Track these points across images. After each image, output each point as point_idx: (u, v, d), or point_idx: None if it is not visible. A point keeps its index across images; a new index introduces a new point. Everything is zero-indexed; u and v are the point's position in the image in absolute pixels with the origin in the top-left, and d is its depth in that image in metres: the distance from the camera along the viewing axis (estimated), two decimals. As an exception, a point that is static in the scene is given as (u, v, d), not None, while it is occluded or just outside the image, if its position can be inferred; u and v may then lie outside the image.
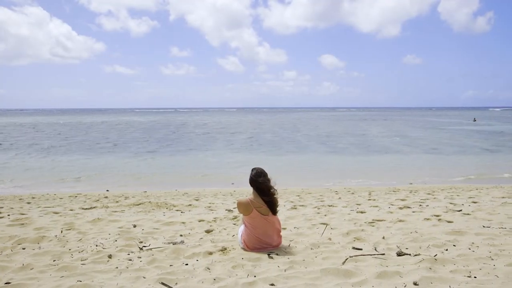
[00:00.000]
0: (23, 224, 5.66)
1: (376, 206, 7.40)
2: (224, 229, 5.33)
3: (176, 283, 3.14)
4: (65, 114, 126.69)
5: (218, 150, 22.97)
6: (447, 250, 3.99)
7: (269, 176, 4.23)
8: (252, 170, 4.23)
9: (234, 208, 7.32)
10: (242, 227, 4.31)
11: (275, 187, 4.20)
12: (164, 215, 6.68)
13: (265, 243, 4.11)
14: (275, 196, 4.15)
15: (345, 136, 32.82)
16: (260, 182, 4.07)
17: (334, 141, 27.84)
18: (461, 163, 17.67)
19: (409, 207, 7.10)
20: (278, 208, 4.23)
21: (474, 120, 58.89)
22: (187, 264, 3.65)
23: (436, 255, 3.70)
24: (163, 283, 3.04)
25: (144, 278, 3.26)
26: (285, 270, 3.39)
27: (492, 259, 3.56)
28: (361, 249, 4.06)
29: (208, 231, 5.21)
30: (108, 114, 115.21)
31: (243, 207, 4.13)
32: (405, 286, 2.95)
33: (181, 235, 4.97)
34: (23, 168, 16.30)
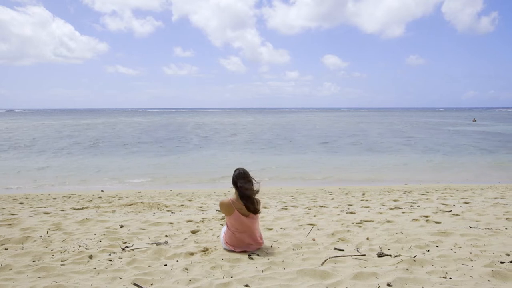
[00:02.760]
0: (10, 224, 5.66)
1: (368, 207, 7.38)
2: (211, 229, 5.32)
3: (152, 284, 3.13)
4: (68, 114, 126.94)
5: (217, 151, 23.00)
6: (428, 251, 3.97)
7: (252, 177, 4.21)
8: (235, 170, 4.22)
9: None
10: (224, 228, 4.31)
11: (257, 189, 4.18)
12: (154, 215, 6.67)
13: (246, 243, 4.09)
14: (255, 198, 4.14)
15: (343, 136, 32.80)
16: (239, 185, 4.05)
17: (332, 142, 27.84)
18: (456, 163, 17.64)
19: (400, 208, 7.08)
20: (260, 209, 4.22)
21: (474, 121, 58.74)
22: (166, 265, 3.65)
23: (415, 256, 3.68)
24: (135, 284, 3.03)
25: (120, 278, 3.25)
26: (262, 271, 3.39)
27: (471, 260, 3.55)
28: (342, 250, 4.05)
29: (194, 232, 5.21)
30: (109, 115, 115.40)
31: (225, 207, 4.12)
32: (378, 287, 2.94)
33: (166, 236, 4.96)
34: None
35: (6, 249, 4.25)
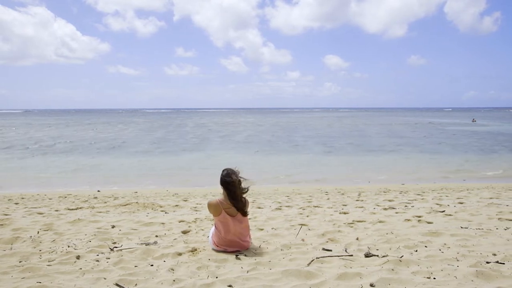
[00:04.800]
0: (2, 225, 5.65)
1: (362, 207, 7.37)
2: (202, 229, 5.31)
3: (136, 284, 3.13)
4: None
5: (216, 151, 23.01)
6: (416, 251, 3.96)
7: (241, 176, 4.20)
8: (223, 171, 4.22)
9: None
10: (213, 228, 4.31)
11: (246, 188, 4.18)
12: (147, 215, 6.67)
13: (234, 243, 4.09)
14: (244, 198, 4.14)
15: (342, 136, 32.79)
16: (228, 183, 4.05)
17: (331, 142, 27.83)
18: (454, 163, 17.62)
19: (393, 208, 7.06)
20: (248, 210, 4.21)
21: (474, 121, 58.61)
22: (152, 265, 3.64)
23: (402, 256, 3.67)
24: (117, 285, 3.03)
25: (105, 279, 3.25)
26: (247, 271, 3.38)
27: (458, 260, 3.54)
28: (330, 250, 4.04)
29: (184, 232, 5.20)
30: (109, 115, 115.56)
31: (213, 208, 4.12)
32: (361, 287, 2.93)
33: (156, 236, 4.96)
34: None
35: (-6, 250, 4.24)
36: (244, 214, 4.14)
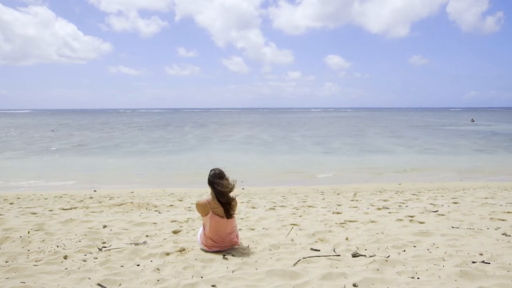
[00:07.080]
0: (-7, 225, 5.65)
1: (356, 207, 7.35)
2: (193, 229, 5.31)
3: (120, 284, 3.12)
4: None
5: (214, 151, 23.01)
6: (404, 251, 3.95)
7: (228, 177, 4.20)
8: (211, 171, 4.22)
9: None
10: (201, 228, 4.30)
11: (234, 189, 4.17)
12: (140, 215, 6.66)
13: (221, 243, 4.09)
14: (232, 199, 4.13)
15: (341, 136, 32.76)
16: (216, 184, 4.04)
17: (329, 142, 27.81)
18: (452, 163, 17.61)
19: (387, 208, 7.05)
20: (235, 213, 4.20)
21: (472, 121, 58.52)
22: (138, 265, 3.64)
23: (389, 256, 3.66)
24: (99, 284, 3.02)
25: (89, 279, 3.24)
26: (233, 271, 3.37)
27: (444, 260, 3.53)
28: (318, 250, 4.03)
29: (175, 232, 5.20)
30: (108, 115, 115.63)
31: (200, 207, 4.12)
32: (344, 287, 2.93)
33: (147, 236, 4.96)
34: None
35: (-17, 250, 4.24)
36: (230, 216, 4.12)
